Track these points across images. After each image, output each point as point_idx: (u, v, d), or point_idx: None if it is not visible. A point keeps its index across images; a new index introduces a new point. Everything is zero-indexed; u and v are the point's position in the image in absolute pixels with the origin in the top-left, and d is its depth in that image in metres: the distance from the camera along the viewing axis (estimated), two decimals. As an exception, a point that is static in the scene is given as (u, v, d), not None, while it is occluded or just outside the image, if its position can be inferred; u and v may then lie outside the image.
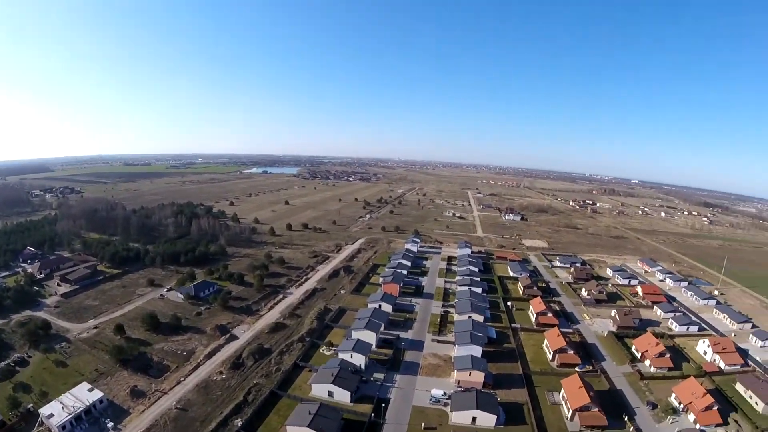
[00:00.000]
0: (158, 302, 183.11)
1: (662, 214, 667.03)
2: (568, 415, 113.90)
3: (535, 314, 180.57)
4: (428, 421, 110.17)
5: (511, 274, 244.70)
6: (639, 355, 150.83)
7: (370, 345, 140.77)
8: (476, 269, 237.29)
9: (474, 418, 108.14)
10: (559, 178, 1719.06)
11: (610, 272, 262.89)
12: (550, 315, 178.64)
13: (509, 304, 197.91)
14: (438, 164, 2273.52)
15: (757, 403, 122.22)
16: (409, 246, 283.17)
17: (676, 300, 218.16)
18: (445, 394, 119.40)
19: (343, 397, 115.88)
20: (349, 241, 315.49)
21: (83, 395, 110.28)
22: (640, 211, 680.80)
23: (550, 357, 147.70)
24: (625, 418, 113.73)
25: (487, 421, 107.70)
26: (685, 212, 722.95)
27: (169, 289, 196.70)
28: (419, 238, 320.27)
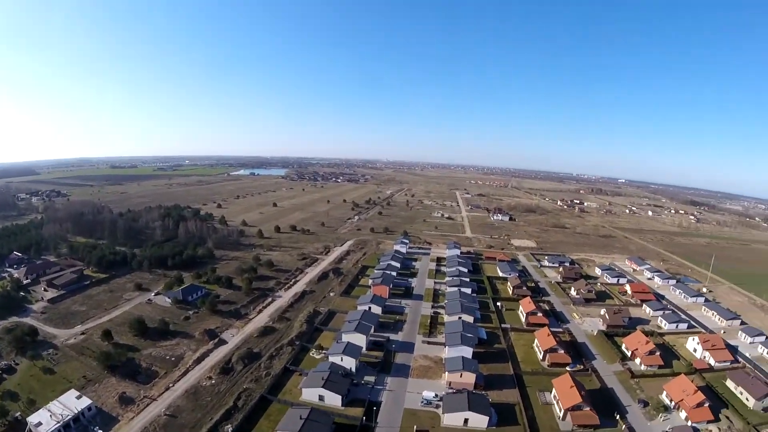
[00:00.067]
0: (146, 307, 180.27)
1: (649, 213, 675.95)
2: (560, 414, 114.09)
3: (524, 314, 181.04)
4: (420, 423, 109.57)
5: (501, 274, 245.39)
6: (629, 354, 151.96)
7: (361, 348, 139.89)
8: (465, 270, 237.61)
9: (466, 420, 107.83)
10: (546, 177, 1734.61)
11: (598, 271, 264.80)
12: (540, 315, 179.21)
13: (499, 304, 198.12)
14: (426, 165, 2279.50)
15: (747, 399, 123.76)
16: (398, 247, 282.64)
17: (664, 298, 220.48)
18: (437, 396, 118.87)
19: (333, 400, 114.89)
20: (338, 243, 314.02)
21: (71, 403, 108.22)
22: (627, 210, 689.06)
23: (540, 357, 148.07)
24: (617, 417, 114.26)
25: (479, 422, 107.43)
26: (672, 211, 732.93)
27: (157, 294, 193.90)
28: (408, 239, 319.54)
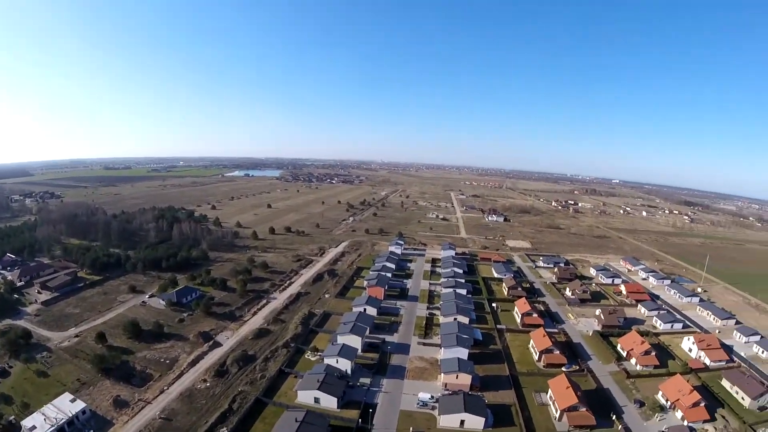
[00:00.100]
0: (140, 309, 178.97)
1: (644, 213, 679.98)
2: (556, 415, 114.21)
3: (520, 315, 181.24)
4: (416, 425, 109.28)
5: (496, 275, 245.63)
6: (625, 354, 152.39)
7: (356, 349, 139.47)
8: (461, 271, 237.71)
9: (462, 421, 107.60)
10: (540, 178, 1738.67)
11: (593, 272, 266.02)
12: (535, 315, 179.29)
13: (494, 305, 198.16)
14: (421, 166, 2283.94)
15: (743, 399, 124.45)
16: (393, 248, 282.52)
17: (659, 298, 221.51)
18: (433, 397, 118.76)
19: (329, 403, 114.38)
20: (333, 245, 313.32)
21: (65, 406, 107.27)
22: (621, 211, 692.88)
23: (536, 357, 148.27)
24: (613, 417, 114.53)
25: (475, 423, 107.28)
26: (667, 211, 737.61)
27: (151, 296, 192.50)
28: (403, 240, 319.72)
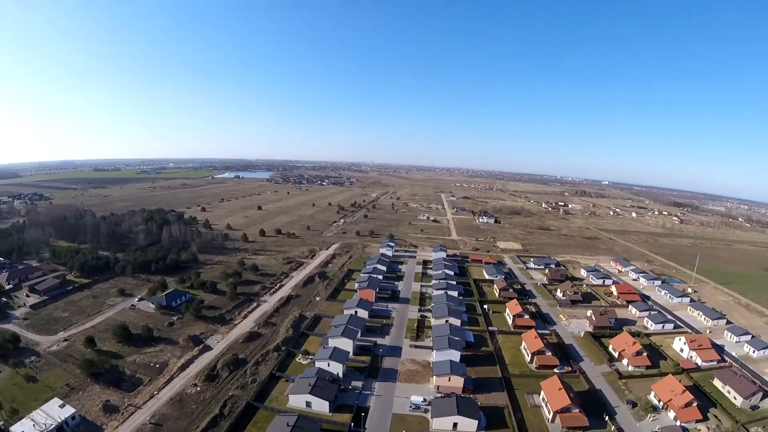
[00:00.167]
0: (129, 313, 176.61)
1: (633, 215, 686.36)
2: (549, 417, 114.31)
3: (511, 316, 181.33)
4: (409, 428, 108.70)
5: (487, 276, 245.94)
6: (616, 355, 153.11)
7: (348, 352, 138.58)
8: (452, 272, 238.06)
9: (455, 424, 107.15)
10: (530, 180, 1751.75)
11: (584, 273, 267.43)
12: (527, 317, 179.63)
13: (485, 306, 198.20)
14: (412, 168, 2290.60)
15: (735, 398, 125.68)
16: (384, 250, 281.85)
17: (650, 299, 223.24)
18: (425, 400, 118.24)
19: (321, 407, 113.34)
20: (324, 247, 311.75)
21: (55, 412, 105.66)
22: (611, 212, 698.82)
23: (528, 359, 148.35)
24: (606, 418, 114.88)
25: (468, 426, 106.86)
26: (656, 212, 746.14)
27: (140, 299, 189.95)
28: (394, 242, 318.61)
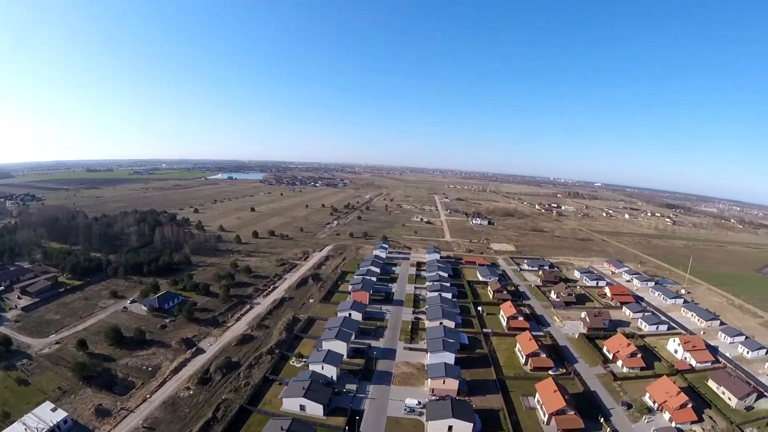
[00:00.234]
0: (121, 315, 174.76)
1: (626, 216, 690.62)
2: (545, 419, 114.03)
3: (505, 318, 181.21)
4: (404, 431, 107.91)
5: (481, 278, 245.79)
6: (611, 356, 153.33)
7: (342, 355, 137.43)
8: (446, 274, 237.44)
9: (450, 427, 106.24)
10: (523, 182, 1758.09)
11: (577, 274, 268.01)
12: (521, 319, 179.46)
13: (480, 308, 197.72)
14: (405, 169, 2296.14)
15: (730, 399, 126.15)
16: (377, 252, 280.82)
17: (644, 300, 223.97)
18: (420, 403, 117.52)
19: (315, 410, 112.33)
20: (317, 248, 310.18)
21: (47, 416, 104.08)
22: (604, 214, 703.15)
23: (523, 361, 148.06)
24: (601, 420, 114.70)
25: (463, 429, 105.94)
26: (649, 213, 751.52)
27: (133, 301, 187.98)
28: (388, 244, 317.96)
